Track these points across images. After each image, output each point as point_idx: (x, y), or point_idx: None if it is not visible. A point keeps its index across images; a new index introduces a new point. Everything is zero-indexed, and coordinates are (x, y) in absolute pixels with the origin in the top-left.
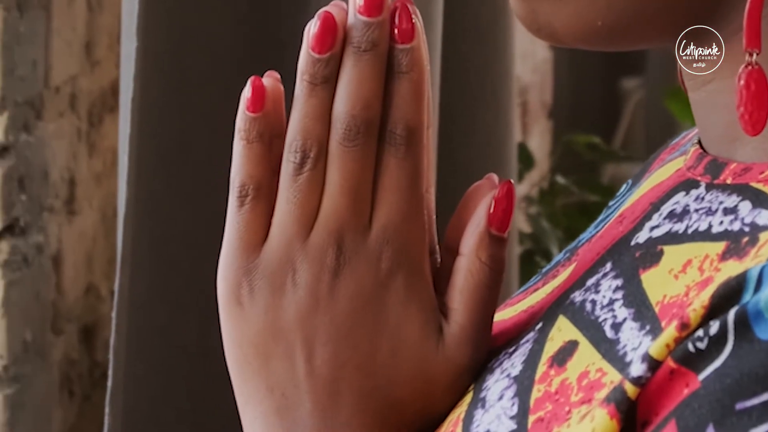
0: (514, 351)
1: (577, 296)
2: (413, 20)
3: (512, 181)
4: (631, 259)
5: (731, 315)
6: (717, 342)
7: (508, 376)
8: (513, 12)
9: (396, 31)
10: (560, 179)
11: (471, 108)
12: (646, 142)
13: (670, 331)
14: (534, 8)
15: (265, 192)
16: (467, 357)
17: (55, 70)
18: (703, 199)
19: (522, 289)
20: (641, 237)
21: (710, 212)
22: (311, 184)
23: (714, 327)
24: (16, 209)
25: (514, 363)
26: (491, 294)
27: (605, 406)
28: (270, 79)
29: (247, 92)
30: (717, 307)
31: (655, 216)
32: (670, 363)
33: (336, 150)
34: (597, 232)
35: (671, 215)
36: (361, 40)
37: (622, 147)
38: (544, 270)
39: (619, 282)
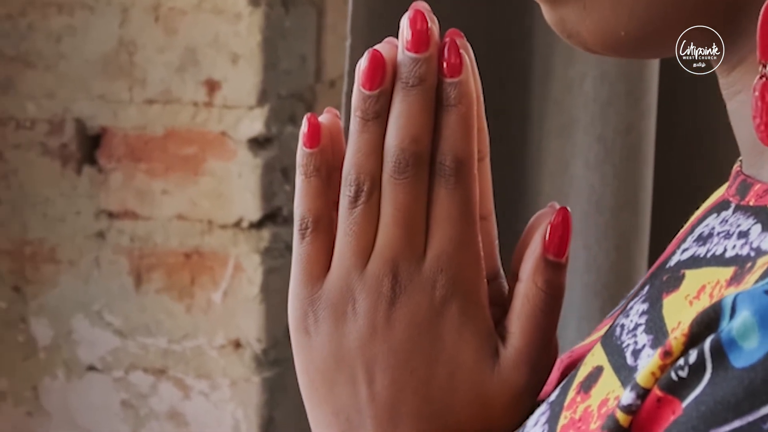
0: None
1: (618, 320)
2: (461, 54)
3: (568, 208)
4: (660, 282)
5: (707, 344)
6: (697, 370)
7: (546, 401)
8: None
9: (445, 65)
10: None
11: None
12: None
13: (655, 359)
14: (562, 17)
15: (324, 224)
16: (524, 379)
17: (328, 64)
18: (726, 221)
19: (611, 313)
20: (674, 260)
21: (728, 236)
22: (366, 216)
23: (693, 356)
24: (278, 198)
25: (557, 389)
26: (548, 318)
27: None
28: (328, 115)
29: (303, 128)
30: (696, 335)
31: (689, 238)
32: (657, 391)
33: (388, 183)
34: None
35: (699, 238)
36: (409, 76)
37: None
38: (629, 294)
39: (645, 306)
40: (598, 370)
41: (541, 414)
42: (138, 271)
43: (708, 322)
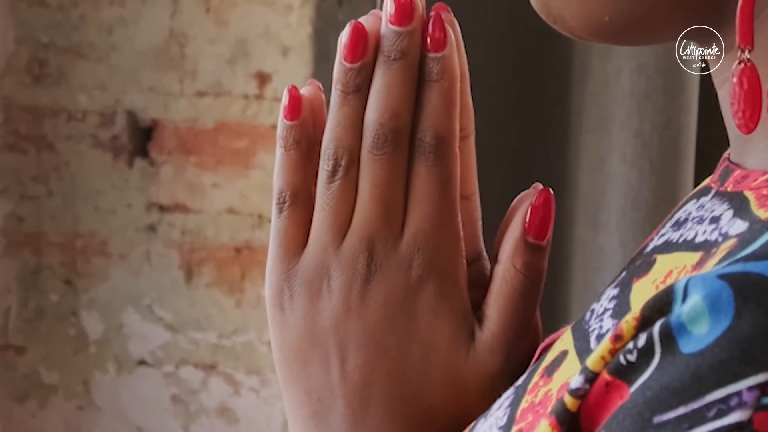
0: None
1: (590, 305)
2: (446, 29)
3: (551, 190)
4: (633, 267)
5: (656, 328)
6: (645, 354)
7: (514, 385)
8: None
9: (429, 39)
10: None
11: None
12: None
13: (605, 343)
14: (546, 2)
15: (303, 198)
16: (499, 363)
17: None
18: (703, 207)
19: None
20: (650, 245)
21: (701, 221)
22: (344, 191)
23: (642, 339)
24: None
25: (525, 373)
26: (526, 302)
27: (548, 417)
28: (310, 88)
29: (284, 101)
30: (648, 319)
31: (668, 224)
32: (606, 375)
33: (366, 158)
34: None
35: (675, 223)
36: (391, 49)
37: None
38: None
39: (616, 291)
40: (563, 354)
41: (506, 398)
42: (188, 265)
43: (660, 305)
